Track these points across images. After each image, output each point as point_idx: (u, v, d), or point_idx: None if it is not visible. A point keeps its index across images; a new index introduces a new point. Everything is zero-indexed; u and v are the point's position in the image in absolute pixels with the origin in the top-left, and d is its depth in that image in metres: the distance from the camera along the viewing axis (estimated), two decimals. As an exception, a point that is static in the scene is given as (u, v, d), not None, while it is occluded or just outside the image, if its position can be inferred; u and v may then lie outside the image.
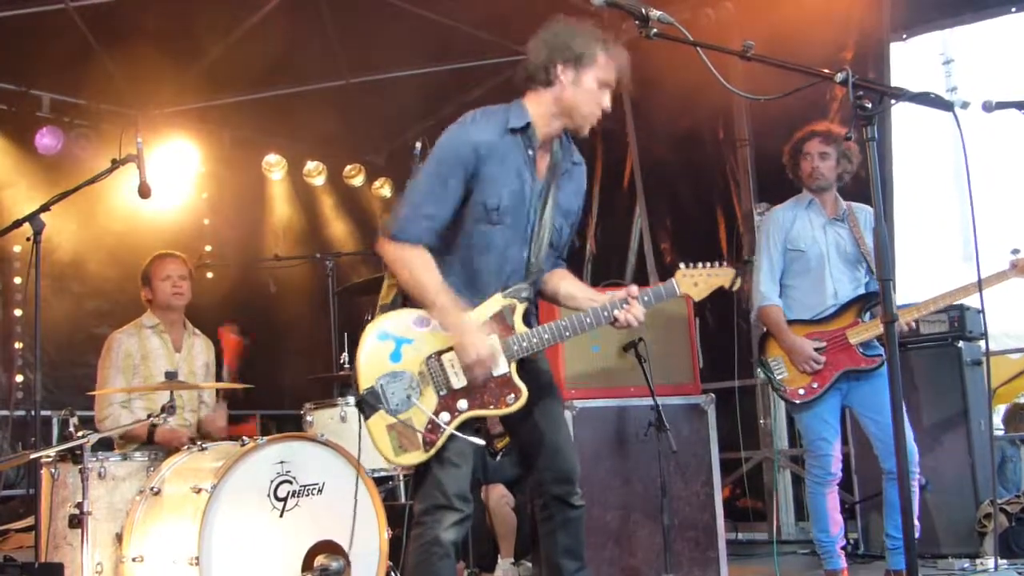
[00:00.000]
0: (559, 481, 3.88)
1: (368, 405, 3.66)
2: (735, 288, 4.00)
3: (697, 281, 3.96)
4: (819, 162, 5.45)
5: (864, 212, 5.55)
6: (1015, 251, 5.15)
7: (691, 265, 3.97)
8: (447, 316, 3.66)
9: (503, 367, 3.72)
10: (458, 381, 3.69)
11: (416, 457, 3.65)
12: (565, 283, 4.03)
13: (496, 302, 3.77)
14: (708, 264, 3.97)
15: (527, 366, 3.81)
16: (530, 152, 3.78)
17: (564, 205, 3.92)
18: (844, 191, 5.64)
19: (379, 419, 3.65)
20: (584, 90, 3.75)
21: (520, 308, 3.78)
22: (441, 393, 3.68)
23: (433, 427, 3.66)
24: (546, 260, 3.91)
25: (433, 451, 3.65)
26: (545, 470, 3.89)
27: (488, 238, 3.76)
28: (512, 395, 3.71)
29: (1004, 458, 7.15)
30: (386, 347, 3.70)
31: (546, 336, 3.77)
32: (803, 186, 5.57)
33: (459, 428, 3.69)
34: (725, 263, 3.99)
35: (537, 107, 3.80)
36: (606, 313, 3.83)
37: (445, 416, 3.67)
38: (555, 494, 3.88)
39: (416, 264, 3.68)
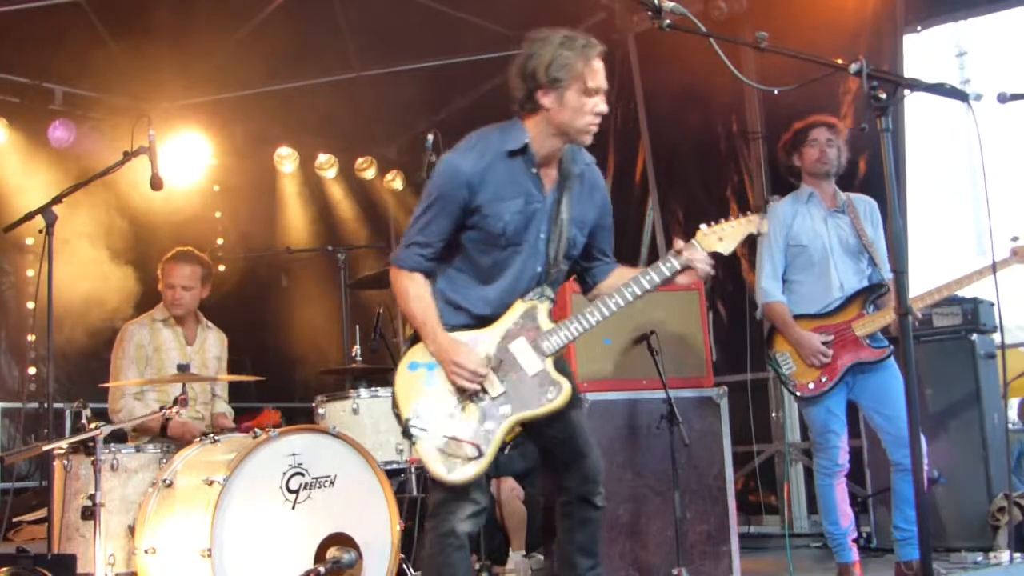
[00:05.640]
0: (584, 480, 3.90)
1: (413, 432, 3.69)
2: (763, 232, 3.93)
3: (722, 236, 3.86)
4: (827, 148, 5.44)
5: (864, 203, 5.54)
6: (1015, 238, 5.13)
7: (711, 223, 3.90)
8: (430, 342, 3.74)
9: (536, 365, 3.75)
10: (495, 389, 3.72)
11: (469, 471, 3.66)
12: (620, 280, 3.96)
13: (518, 308, 3.81)
14: (731, 218, 3.91)
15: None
16: (533, 170, 3.78)
17: (578, 215, 3.88)
18: (859, 180, 5.63)
19: (427, 442, 3.68)
20: (571, 108, 3.69)
21: (543, 307, 3.82)
22: (481, 404, 3.71)
23: (479, 439, 3.68)
24: (564, 264, 3.90)
25: (486, 461, 3.66)
26: (569, 470, 3.92)
27: (501, 261, 3.79)
28: (552, 391, 3.73)
29: (1021, 452, 7.12)
30: (418, 376, 3.76)
31: (574, 326, 3.78)
32: (805, 175, 5.54)
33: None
34: (749, 212, 3.94)
35: (533, 128, 3.77)
36: (642, 283, 3.80)
37: (491, 424, 3.70)
38: (579, 494, 3.91)
39: (409, 292, 3.78)
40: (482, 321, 3.81)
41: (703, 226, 3.89)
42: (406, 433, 3.71)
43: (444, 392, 3.72)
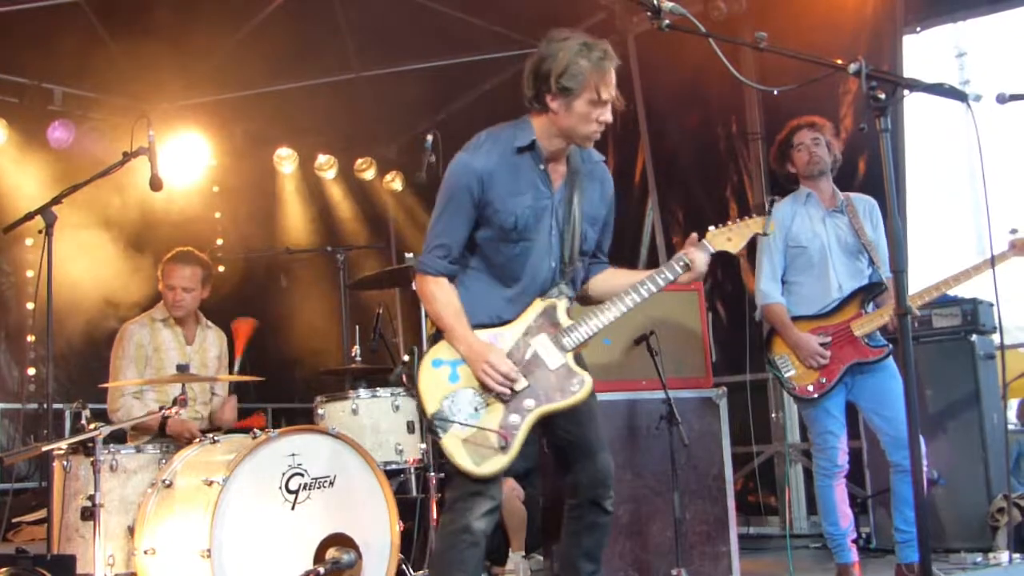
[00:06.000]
0: (595, 484, 3.92)
1: (439, 426, 3.71)
2: (769, 232, 4.03)
3: (730, 236, 4.00)
4: (814, 148, 5.47)
5: (864, 203, 5.55)
6: (1013, 231, 5.13)
7: (719, 225, 4.01)
8: (460, 345, 3.78)
9: (558, 360, 3.80)
10: (519, 384, 3.75)
11: (497, 463, 3.70)
12: (619, 279, 4.07)
13: (537, 306, 3.86)
14: (738, 219, 4.02)
15: None
16: (541, 167, 3.84)
17: (589, 211, 3.96)
18: (859, 181, 5.63)
19: (452, 436, 3.71)
20: (577, 116, 3.75)
21: (562, 304, 3.87)
22: (505, 399, 3.73)
23: (505, 431, 3.70)
24: (580, 261, 3.96)
25: (513, 452, 3.69)
26: (581, 472, 3.94)
27: (516, 256, 3.84)
28: (575, 383, 3.79)
29: (1020, 453, 7.13)
30: (443, 372, 3.79)
31: (594, 321, 3.85)
32: (801, 178, 5.57)
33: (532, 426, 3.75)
34: (754, 213, 4.04)
35: (539, 125, 3.84)
36: (657, 280, 3.87)
37: (515, 418, 3.73)
38: (590, 497, 3.93)
39: (436, 296, 3.84)
40: (503, 321, 3.85)
41: (711, 228, 4.01)
42: (431, 429, 3.74)
43: (468, 388, 3.76)
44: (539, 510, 6.20)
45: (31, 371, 8.26)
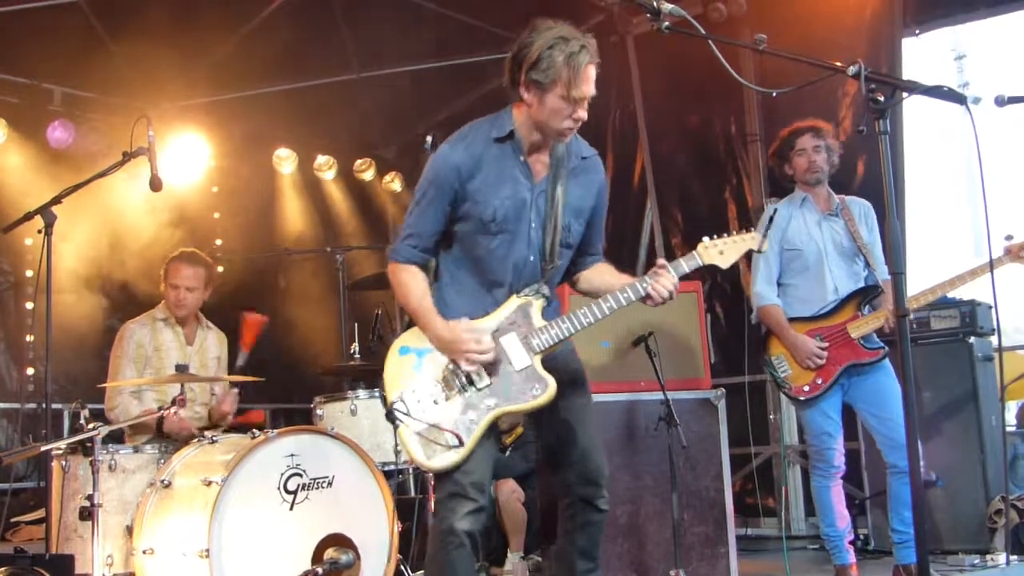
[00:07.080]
0: (586, 483, 3.90)
1: (396, 416, 3.71)
2: (763, 250, 3.94)
3: (723, 250, 3.90)
4: (814, 155, 5.48)
5: (859, 206, 5.57)
6: (1008, 236, 5.14)
7: (714, 237, 3.92)
8: (428, 331, 3.76)
9: (524, 361, 3.75)
10: (482, 380, 3.73)
11: (448, 459, 3.67)
12: (603, 277, 4.03)
13: (512, 303, 3.82)
14: (733, 232, 3.93)
15: (556, 364, 3.82)
16: (521, 158, 3.79)
17: (574, 203, 3.88)
18: (858, 183, 5.64)
19: (408, 427, 3.70)
20: (548, 110, 3.68)
21: (537, 304, 3.81)
22: (466, 394, 3.72)
23: (461, 428, 3.68)
24: (562, 257, 3.89)
25: (466, 450, 3.67)
26: (572, 471, 3.91)
27: (493, 248, 3.80)
28: (538, 387, 3.73)
29: (1016, 455, 7.14)
30: (408, 360, 3.79)
31: (565, 325, 3.78)
32: (797, 182, 5.58)
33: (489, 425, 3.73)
34: (752, 228, 3.95)
35: (520, 116, 3.80)
36: (625, 295, 3.80)
37: (472, 415, 3.70)
38: (581, 495, 3.90)
39: (404, 283, 3.82)
40: (489, 308, 3.82)
41: (705, 239, 3.92)
42: (389, 416, 3.73)
43: (431, 379, 3.75)
44: (538, 511, 6.21)
45: (30, 371, 8.26)
